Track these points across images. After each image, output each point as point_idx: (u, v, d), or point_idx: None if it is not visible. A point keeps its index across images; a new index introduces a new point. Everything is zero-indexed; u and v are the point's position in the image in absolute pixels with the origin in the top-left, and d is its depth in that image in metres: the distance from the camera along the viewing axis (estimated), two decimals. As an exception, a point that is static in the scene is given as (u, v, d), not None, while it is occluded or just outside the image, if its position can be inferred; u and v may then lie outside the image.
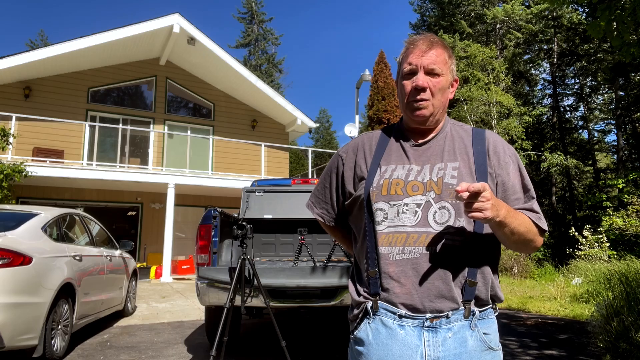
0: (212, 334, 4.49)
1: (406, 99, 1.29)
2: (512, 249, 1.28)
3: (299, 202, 4.85)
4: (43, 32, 49.21)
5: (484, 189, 1.07)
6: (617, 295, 5.18)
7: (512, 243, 1.23)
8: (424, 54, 1.27)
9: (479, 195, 1.07)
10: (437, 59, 1.27)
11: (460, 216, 1.19)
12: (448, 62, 1.30)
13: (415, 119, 1.30)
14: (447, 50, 1.31)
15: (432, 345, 1.16)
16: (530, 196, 1.29)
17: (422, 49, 1.27)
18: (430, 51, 1.27)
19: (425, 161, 1.27)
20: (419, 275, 1.17)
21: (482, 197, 1.07)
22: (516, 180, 1.29)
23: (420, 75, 1.26)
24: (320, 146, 44.93)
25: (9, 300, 3.58)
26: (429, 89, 1.26)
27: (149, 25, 12.98)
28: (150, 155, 14.30)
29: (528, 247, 1.27)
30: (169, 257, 11.49)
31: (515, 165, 1.31)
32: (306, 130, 17.30)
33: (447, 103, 1.35)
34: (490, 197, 1.09)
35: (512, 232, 1.18)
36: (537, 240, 1.27)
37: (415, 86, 1.26)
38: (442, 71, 1.27)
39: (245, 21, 40.33)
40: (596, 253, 12.29)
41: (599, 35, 4.76)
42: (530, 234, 1.23)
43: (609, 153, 27.17)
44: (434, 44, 1.28)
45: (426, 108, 1.27)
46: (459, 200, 1.11)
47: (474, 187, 1.06)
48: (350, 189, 1.36)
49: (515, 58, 23.41)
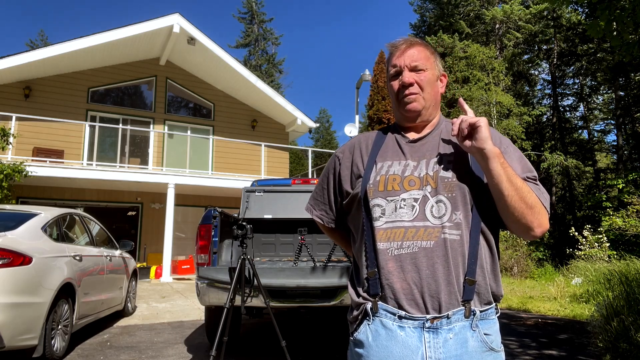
0: (212, 334, 4.49)
1: (396, 98, 1.33)
2: (513, 220, 1.19)
3: (299, 202, 4.85)
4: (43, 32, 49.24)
5: (481, 122, 1.18)
6: (617, 295, 5.18)
7: (511, 205, 1.17)
8: (404, 53, 1.32)
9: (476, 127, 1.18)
10: (418, 56, 1.31)
11: (456, 209, 1.19)
12: (430, 57, 1.34)
13: (408, 115, 1.32)
14: (427, 48, 1.35)
15: (433, 347, 1.15)
16: (533, 177, 1.25)
17: (401, 49, 1.33)
18: (410, 49, 1.32)
19: (421, 156, 1.28)
20: (418, 270, 1.17)
21: (478, 122, 1.18)
22: (515, 159, 1.27)
23: (405, 72, 1.30)
24: (320, 146, 44.93)
25: (9, 300, 3.58)
26: (417, 84, 1.30)
27: (149, 25, 12.98)
28: (150, 155, 14.29)
29: (530, 221, 1.18)
30: (169, 257, 11.49)
31: (514, 151, 1.29)
32: (306, 130, 17.30)
33: (439, 97, 1.37)
34: (486, 125, 1.19)
35: (509, 180, 1.16)
36: (540, 212, 1.19)
37: (402, 83, 1.30)
38: (425, 66, 1.31)
39: (246, 21, 40.32)
40: (596, 253, 12.29)
41: (599, 35, 4.76)
42: (530, 196, 1.17)
43: (609, 153, 27.18)
44: (413, 43, 1.33)
45: (417, 101, 1.30)
46: (457, 135, 1.21)
47: (469, 118, 1.20)
48: (348, 188, 1.36)
49: (514, 58, 23.41)
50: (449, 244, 1.17)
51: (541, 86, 26.99)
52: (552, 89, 25.06)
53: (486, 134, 1.18)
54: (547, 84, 26.36)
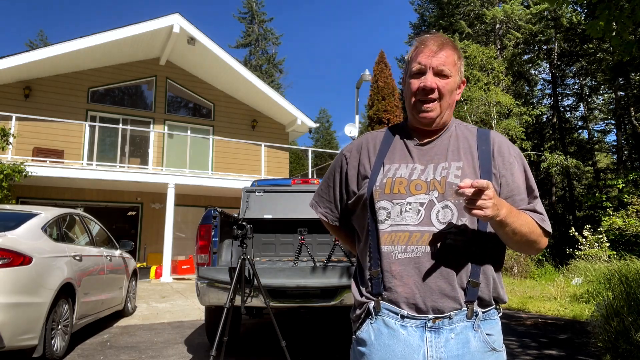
0: (212, 334, 4.48)
1: (413, 99, 1.28)
2: (516, 249, 1.27)
3: (299, 202, 4.86)
4: (43, 32, 49.17)
5: (488, 186, 1.06)
6: (617, 295, 5.18)
7: (515, 243, 1.22)
8: (434, 55, 1.25)
9: (482, 193, 1.06)
10: (446, 60, 1.25)
11: (462, 215, 1.18)
12: (457, 63, 1.29)
13: (422, 121, 1.29)
14: (456, 52, 1.29)
15: (435, 346, 1.15)
16: (534, 197, 1.28)
17: (432, 49, 1.26)
18: (441, 52, 1.25)
19: (429, 160, 1.27)
20: (421, 274, 1.16)
21: (485, 195, 1.06)
22: (520, 181, 1.28)
23: (428, 75, 1.25)
24: (320, 146, 44.93)
25: (9, 300, 3.57)
26: (438, 90, 1.25)
27: (148, 25, 12.97)
28: (150, 155, 14.29)
29: (532, 249, 1.26)
30: (169, 257, 11.49)
31: (520, 166, 1.30)
32: (306, 130, 17.30)
33: (454, 104, 1.34)
34: (493, 195, 1.08)
35: (514, 232, 1.17)
36: (541, 241, 1.26)
37: (424, 86, 1.24)
38: (451, 72, 1.26)
39: (246, 21, 40.32)
40: (596, 253, 12.28)
41: (599, 35, 4.75)
42: (533, 235, 1.22)
43: (609, 153, 27.17)
44: (444, 44, 1.27)
45: (433, 110, 1.26)
46: (460, 197, 1.10)
47: (478, 182, 1.05)
48: (354, 188, 1.35)
49: (514, 58, 23.41)
50: (453, 250, 1.17)
51: (541, 86, 27.05)
52: (552, 89, 25.07)
53: (490, 213, 1.09)
54: (547, 84, 26.39)
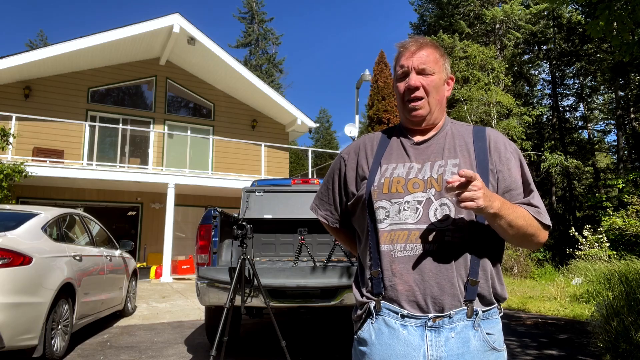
0: (212, 334, 4.49)
1: (402, 100, 1.32)
2: (515, 244, 1.27)
3: (299, 202, 4.86)
4: (43, 32, 49.19)
5: (475, 177, 1.08)
6: (617, 295, 5.18)
7: (513, 237, 1.22)
8: (413, 55, 1.29)
9: (470, 184, 1.08)
10: (427, 59, 1.29)
11: (460, 212, 1.19)
12: (439, 60, 1.32)
13: (413, 119, 1.32)
14: (437, 50, 1.32)
15: (435, 345, 1.15)
16: (530, 190, 1.29)
17: (411, 50, 1.30)
18: (420, 51, 1.30)
19: (426, 159, 1.28)
20: (420, 272, 1.17)
21: (473, 185, 1.08)
22: (517, 175, 1.29)
23: (412, 75, 1.28)
24: (320, 146, 44.93)
25: (9, 300, 3.57)
26: (423, 88, 1.28)
27: (148, 25, 12.97)
28: (150, 155, 14.29)
29: (531, 242, 1.25)
30: (169, 257, 11.49)
31: (516, 161, 1.31)
32: (306, 130, 17.29)
33: (445, 101, 1.36)
34: (482, 186, 1.09)
35: (509, 225, 1.17)
36: (539, 234, 1.25)
37: (408, 86, 1.28)
38: (433, 70, 1.29)
39: (246, 21, 40.30)
40: (596, 253, 12.28)
41: (599, 34, 4.76)
42: (530, 228, 1.22)
43: (609, 153, 27.18)
44: (423, 44, 1.31)
45: (422, 108, 1.29)
46: (448, 192, 1.11)
47: (464, 172, 1.07)
48: (353, 189, 1.37)
49: (514, 58, 23.41)
50: (452, 247, 1.17)
51: (541, 86, 27.03)
52: (552, 89, 25.07)
53: (482, 204, 1.10)
54: (547, 84, 26.37)
